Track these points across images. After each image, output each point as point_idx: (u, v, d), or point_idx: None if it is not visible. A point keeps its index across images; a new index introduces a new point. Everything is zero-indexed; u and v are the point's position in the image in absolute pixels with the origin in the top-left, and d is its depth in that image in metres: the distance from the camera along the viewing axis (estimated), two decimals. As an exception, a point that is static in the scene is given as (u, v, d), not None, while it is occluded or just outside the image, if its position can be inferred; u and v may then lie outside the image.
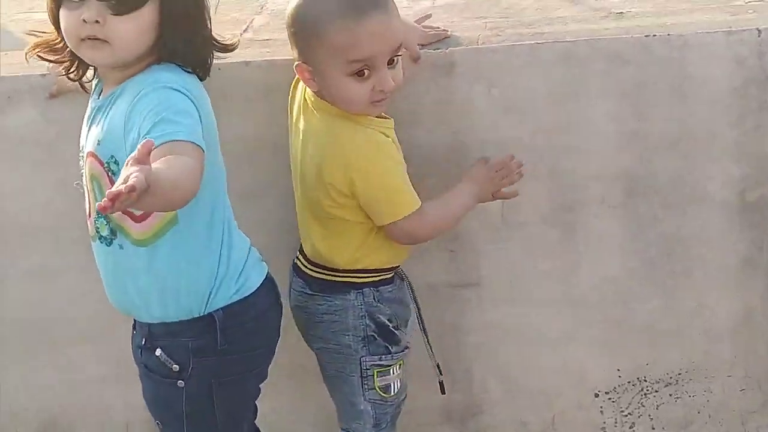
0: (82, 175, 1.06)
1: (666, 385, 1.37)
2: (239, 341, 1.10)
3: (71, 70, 1.08)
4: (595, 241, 1.31)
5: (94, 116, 1.04)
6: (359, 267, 1.17)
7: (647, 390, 1.38)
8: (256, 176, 1.29)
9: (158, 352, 1.08)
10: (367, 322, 1.18)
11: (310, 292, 1.19)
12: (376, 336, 1.19)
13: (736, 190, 1.27)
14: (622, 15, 1.31)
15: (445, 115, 1.26)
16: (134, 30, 0.96)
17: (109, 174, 0.99)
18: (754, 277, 1.32)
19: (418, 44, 1.21)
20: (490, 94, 1.24)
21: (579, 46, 1.22)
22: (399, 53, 1.09)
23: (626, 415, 1.40)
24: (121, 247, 1.03)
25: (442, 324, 1.35)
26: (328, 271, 1.17)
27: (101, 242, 1.05)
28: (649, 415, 1.40)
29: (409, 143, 1.19)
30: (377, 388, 1.19)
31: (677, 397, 1.38)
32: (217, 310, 1.07)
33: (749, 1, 1.31)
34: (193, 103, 0.97)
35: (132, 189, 0.70)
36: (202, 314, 1.07)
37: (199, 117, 0.97)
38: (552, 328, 1.36)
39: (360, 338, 1.18)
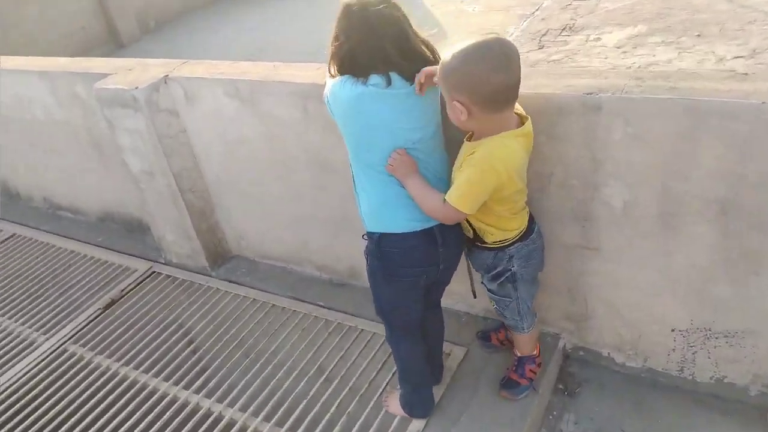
0: None
1: (725, 336, 1.93)
2: (387, 257, 1.72)
3: None
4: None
5: None
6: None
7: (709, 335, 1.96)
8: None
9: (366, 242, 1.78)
10: None
11: None
12: None
13: None
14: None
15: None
16: None
17: None
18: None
19: None
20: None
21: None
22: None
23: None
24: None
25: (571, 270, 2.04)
26: None
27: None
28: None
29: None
30: None
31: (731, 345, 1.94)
32: (377, 232, 1.71)
33: None
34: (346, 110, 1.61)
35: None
36: (370, 231, 1.74)
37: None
38: (646, 282, 1.95)
39: None
